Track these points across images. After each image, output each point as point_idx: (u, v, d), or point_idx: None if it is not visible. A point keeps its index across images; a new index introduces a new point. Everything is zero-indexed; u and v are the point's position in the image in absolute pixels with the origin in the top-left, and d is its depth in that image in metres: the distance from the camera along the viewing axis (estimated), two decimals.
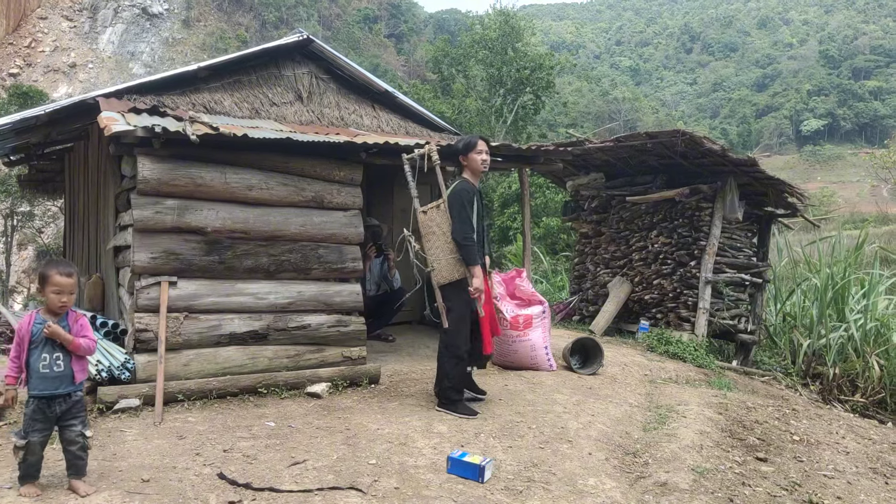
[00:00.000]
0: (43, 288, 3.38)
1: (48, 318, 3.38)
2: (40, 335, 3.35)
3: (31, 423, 3.31)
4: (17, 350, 3.35)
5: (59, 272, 3.37)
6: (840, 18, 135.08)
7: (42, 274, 3.39)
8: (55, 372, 3.36)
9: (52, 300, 3.37)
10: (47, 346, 3.36)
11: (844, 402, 8.54)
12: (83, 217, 7.93)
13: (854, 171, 73.83)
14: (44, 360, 3.34)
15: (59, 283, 3.36)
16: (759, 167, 8.71)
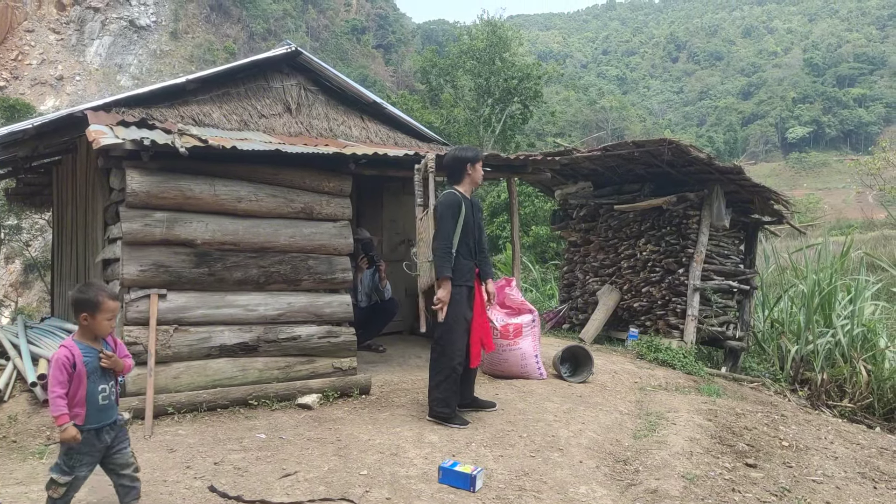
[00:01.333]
0: (93, 315, 3.16)
1: (89, 345, 3.20)
2: (95, 365, 3.18)
3: (80, 458, 3.13)
4: (66, 386, 3.08)
5: (109, 296, 3.20)
6: (824, 27, 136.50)
7: (91, 300, 3.16)
8: (111, 401, 3.24)
9: (105, 327, 3.20)
10: (103, 376, 3.21)
11: (832, 407, 8.59)
12: (71, 230, 7.90)
13: (839, 177, 74.43)
14: (102, 392, 3.19)
15: (112, 308, 3.19)
16: (745, 175, 8.78)
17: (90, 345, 3.19)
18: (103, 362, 3.19)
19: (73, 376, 3.09)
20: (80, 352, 3.13)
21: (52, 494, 3.12)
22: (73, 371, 3.09)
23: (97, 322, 3.17)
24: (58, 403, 3.04)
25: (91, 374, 3.14)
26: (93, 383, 3.15)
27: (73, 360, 3.10)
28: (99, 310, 3.16)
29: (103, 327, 3.19)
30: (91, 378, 3.14)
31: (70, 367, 3.09)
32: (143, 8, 62.03)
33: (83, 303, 3.17)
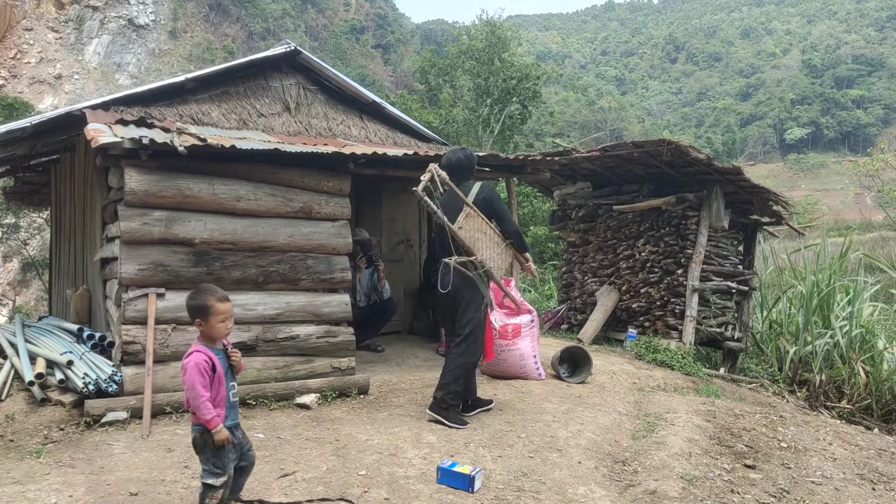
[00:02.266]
0: (206, 319, 3.18)
1: (213, 347, 3.23)
2: (227, 365, 3.25)
3: (228, 456, 3.18)
4: (208, 389, 3.12)
5: (219, 299, 3.21)
6: (822, 28, 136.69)
7: (201, 306, 3.19)
8: (237, 399, 3.34)
9: (219, 329, 3.20)
10: (231, 375, 3.28)
11: (831, 408, 8.59)
12: (69, 229, 7.88)
13: (837, 178, 74.56)
14: (233, 391, 3.27)
15: (222, 310, 3.20)
16: (744, 176, 8.78)
17: (213, 346, 3.23)
18: (233, 360, 3.27)
19: (213, 379, 3.13)
20: (213, 354, 3.17)
21: (211, 501, 3.15)
22: (213, 374, 3.13)
23: (211, 326, 3.19)
24: (207, 407, 3.07)
25: (225, 375, 3.21)
26: (226, 383, 3.22)
27: (211, 362, 3.14)
28: (210, 313, 3.18)
29: (217, 330, 3.20)
30: (225, 378, 3.21)
31: (210, 370, 3.12)
32: (141, 7, 61.99)
33: (194, 309, 3.21)
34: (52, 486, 3.67)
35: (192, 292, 3.29)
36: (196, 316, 3.20)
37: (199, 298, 3.21)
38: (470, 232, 5.11)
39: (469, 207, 5.12)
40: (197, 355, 3.13)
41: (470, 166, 5.39)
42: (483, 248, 5.16)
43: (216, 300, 3.19)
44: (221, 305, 3.19)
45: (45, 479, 3.80)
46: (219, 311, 3.18)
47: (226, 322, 3.22)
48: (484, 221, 5.17)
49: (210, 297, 3.19)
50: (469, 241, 5.09)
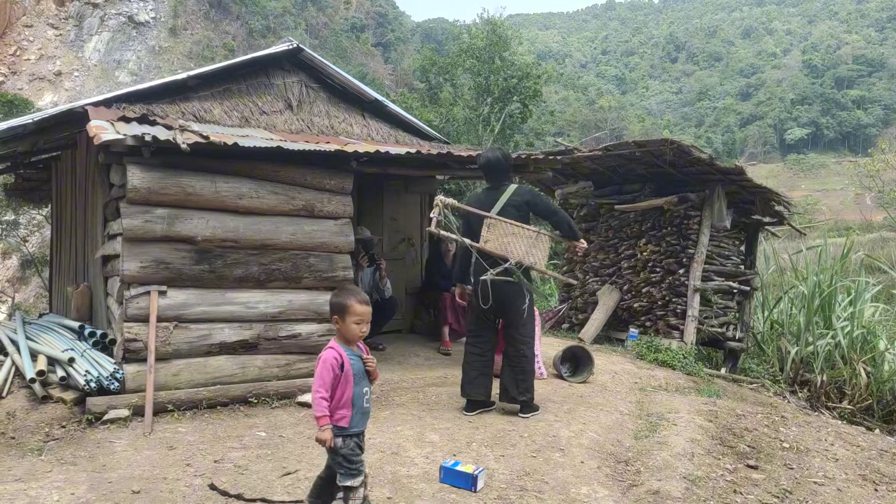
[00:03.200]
0: (342, 318, 3.18)
1: (350, 348, 3.21)
2: (360, 368, 3.21)
3: (358, 460, 3.18)
4: (332, 389, 3.11)
5: (358, 301, 3.19)
6: (823, 28, 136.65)
7: (340, 304, 3.19)
8: (370, 405, 3.28)
9: (353, 330, 3.18)
10: (364, 379, 3.23)
11: (832, 409, 8.59)
12: (70, 226, 7.86)
13: (838, 179, 74.57)
14: (366, 395, 3.23)
15: (360, 312, 3.17)
16: (746, 176, 8.78)
17: (350, 348, 3.21)
18: (369, 366, 3.23)
19: (339, 377, 3.12)
20: (345, 353, 3.15)
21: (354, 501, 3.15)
22: (340, 372, 3.12)
23: (346, 325, 3.17)
24: (321, 404, 3.07)
25: (355, 377, 3.17)
26: (357, 386, 3.17)
27: (340, 360, 3.13)
28: (347, 313, 3.16)
29: (352, 330, 3.18)
30: (355, 380, 3.16)
31: (338, 367, 3.11)
32: (142, 4, 61.87)
33: (334, 306, 3.22)
34: (53, 484, 3.66)
35: (337, 290, 3.35)
36: (335, 313, 3.20)
37: (341, 296, 3.22)
38: (497, 240, 5.19)
39: (489, 218, 5.22)
40: (329, 352, 3.14)
41: (506, 166, 5.51)
42: (516, 249, 5.20)
43: (356, 301, 3.18)
44: (360, 307, 3.17)
45: (47, 476, 3.79)
46: (356, 311, 3.16)
47: (361, 325, 3.19)
48: (510, 223, 5.23)
49: (351, 297, 3.20)
50: (499, 249, 5.19)
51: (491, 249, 5.17)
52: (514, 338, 5.39)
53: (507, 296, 5.25)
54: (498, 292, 5.20)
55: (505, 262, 5.18)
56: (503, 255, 5.18)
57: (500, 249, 5.17)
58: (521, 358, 5.38)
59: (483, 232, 5.23)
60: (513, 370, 5.37)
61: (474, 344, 5.46)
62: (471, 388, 5.36)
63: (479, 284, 5.24)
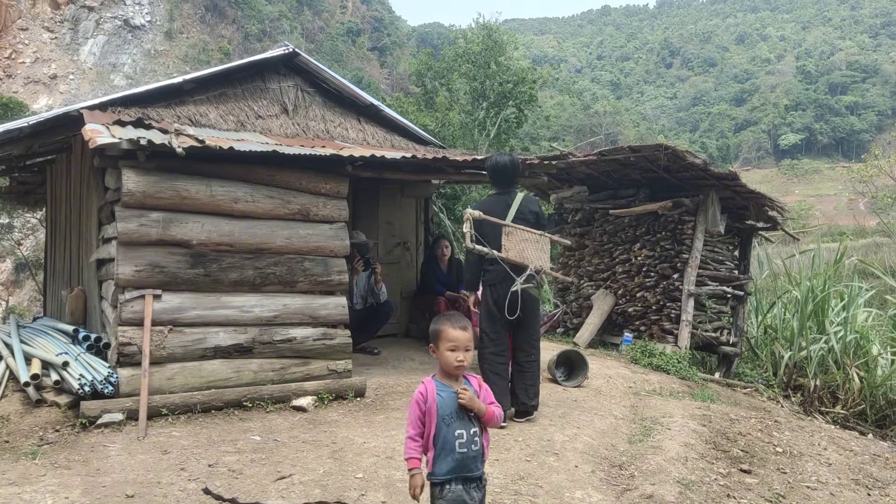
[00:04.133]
0: (437, 345, 2.89)
1: (445, 382, 2.88)
2: (450, 405, 2.83)
3: None
4: (419, 426, 2.83)
5: (453, 325, 2.87)
6: (817, 35, 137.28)
7: (434, 330, 2.92)
8: (473, 451, 2.83)
9: (447, 358, 2.84)
10: (462, 419, 2.83)
11: (825, 413, 8.61)
12: (65, 229, 7.85)
13: (831, 184, 74.76)
14: (460, 437, 2.80)
15: (453, 337, 2.84)
16: (740, 181, 8.81)
17: (447, 382, 2.89)
18: (460, 398, 2.83)
19: (425, 414, 2.84)
20: (434, 387, 2.86)
21: None
22: (425, 407, 2.84)
23: (440, 353, 2.88)
24: (407, 445, 2.86)
25: (445, 415, 2.81)
26: (447, 425, 2.80)
27: (425, 395, 2.84)
28: (440, 338, 2.88)
29: (445, 358, 2.86)
30: (445, 419, 2.81)
31: (423, 402, 2.84)
32: (137, 7, 61.83)
33: (430, 334, 2.95)
34: (47, 488, 3.66)
35: (436, 317, 3.05)
36: (431, 341, 2.94)
37: (437, 322, 2.95)
38: (516, 248, 5.21)
39: (507, 227, 5.22)
40: (419, 387, 2.89)
41: (515, 172, 5.51)
42: (531, 254, 5.26)
43: (450, 325, 2.88)
44: (453, 332, 2.86)
45: (41, 480, 3.79)
46: (449, 336, 2.85)
47: (457, 352, 2.84)
48: (523, 230, 5.26)
49: (446, 322, 2.92)
50: (517, 256, 5.20)
51: (513, 258, 5.17)
52: (529, 344, 5.43)
53: (530, 303, 5.27)
54: (524, 300, 5.19)
55: (525, 270, 5.18)
56: (523, 263, 5.18)
57: (518, 257, 5.19)
58: (533, 364, 5.42)
59: (503, 241, 5.20)
60: (525, 376, 5.37)
61: (499, 353, 5.34)
62: (505, 399, 5.20)
63: (505, 294, 5.15)
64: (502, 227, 5.20)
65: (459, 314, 3.03)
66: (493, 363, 5.27)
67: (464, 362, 2.84)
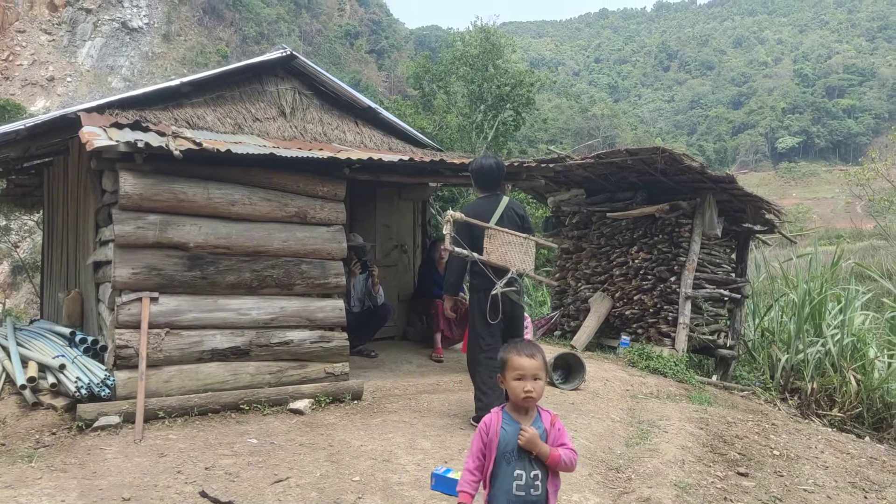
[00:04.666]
0: (504, 375, 2.68)
1: (514, 416, 2.64)
2: (513, 443, 2.59)
3: None
4: (479, 459, 2.63)
5: (519, 352, 2.65)
6: (814, 38, 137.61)
7: (500, 358, 2.73)
8: (532, 496, 2.58)
9: (513, 389, 2.63)
10: (523, 459, 2.59)
11: (822, 416, 8.62)
12: (62, 232, 7.85)
13: (829, 187, 74.87)
14: (518, 479, 2.57)
15: (519, 365, 2.63)
16: (737, 184, 8.82)
17: (515, 415, 2.65)
18: (519, 438, 2.57)
19: (486, 446, 2.64)
20: (499, 419, 2.65)
21: None
22: (486, 439, 2.64)
23: (507, 383, 2.66)
24: (463, 476, 2.68)
25: (506, 451, 2.59)
26: (507, 464, 2.58)
27: (489, 426, 2.64)
28: (506, 367, 2.67)
29: (512, 389, 2.64)
30: (506, 456, 2.59)
31: (485, 434, 2.64)
32: (135, 10, 61.84)
33: (498, 363, 2.76)
34: (44, 491, 3.65)
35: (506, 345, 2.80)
36: (500, 371, 2.73)
37: (504, 349, 2.75)
38: (498, 251, 5.18)
39: (490, 230, 5.19)
40: (486, 416, 2.70)
41: (499, 175, 5.47)
42: (513, 257, 5.23)
43: (516, 353, 2.66)
44: (520, 359, 2.64)
45: (37, 483, 3.78)
46: (514, 364, 2.64)
47: (524, 381, 2.62)
48: (507, 232, 5.24)
49: (511, 349, 2.70)
50: (499, 259, 5.17)
51: (495, 262, 5.16)
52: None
53: (515, 305, 5.28)
54: (506, 303, 5.19)
55: (507, 273, 5.17)
56: (504, 266, 5.17)
57: (500, 260, 5.17)
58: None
59: (485, 244, 5.17)
60: None
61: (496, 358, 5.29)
62: (500, 403, 5.22)
63: (488, 298, 5.14)
64: (485, 230, 5.18)
65: (529, 341, 2.81)
66: (490, 368, 5.22)
67: (532, 393, 2.60)
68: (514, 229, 5.30)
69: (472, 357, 5.33)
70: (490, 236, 5.18)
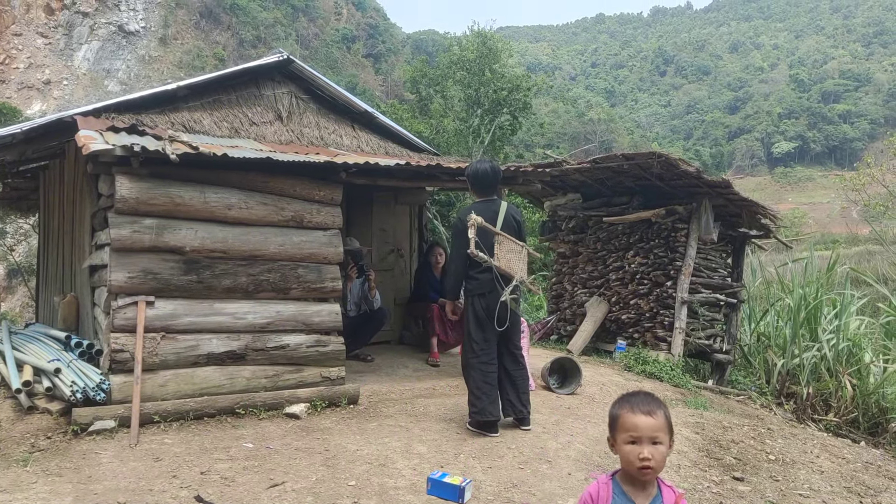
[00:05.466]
0: (614, 436, 2.20)
1: (626, 490, 2.15)
2: None
3: None
4: None
5: (633, 408, 2.15)
6: (810, 43, 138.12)
7: (610, 414, 2.23)
8: None
9: (626, 455, 2.13)
10: None
11: (818, 421, 8.63)
12: (58, 235, 7.83)
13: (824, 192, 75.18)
14: None
15: (633, 424, 2.13)
16: (733, 189, 8.85)
17: (628, 488, 2.15)
18: None
19: None
20: (609, 491, 2.17)
21: None
22: None
23: (618, 447, 2.17)
24: None
25: None
26: None
27: (595, 500, 2.18)
28: (616, 427, 2.18)
29: (624, 455, 2.14)
30: None
31: None
32: (132, 13, 61.81)
33: (609, 418, 2.26)
34: (39, 495, 3.64)
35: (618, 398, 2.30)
36: (609, 429, 2.24)
37: (615, 404, 2.25)
38: (505, 258, 5.20)
39: (499, 236, 5.21)
40: (589, 485, 2.24)
41: (495, 180, 5.48)
42: (516, 265, 5.26)
43: (629, 409, 2.16)
44: (634, 418, 2.13)
45: (32, 487, 3.77)
46: (627, 424, 2.14)
47: (639, 446, 2.11)
48: (510, 240, 5.27)
49: (624, 404, 2.20)
50: (506, 266, 5.19)
51: (504, 268, 5.16)
52: (513, 353, 5.42)
53: (514, 313, 5.29)
54: (510, 310, 5.21)
55: (512, 280, 5.19)
56: (510, 273, 5.18)
57: (506, 267, 5.19)
58: (522, 370, 5.43)
59: (496, 250, 5.16)
60: (516, 384, 5.35)
61: (490, 363, 5.26)
62: (494, 407, 5.19)
63: (495, 304, 5.14)
64: (495, 236, 5.20)
65: (644, 393, 2.28)
66: (484, 373, 5.22)
67: (649, 461, 2.08)
68: (512, 235, 5.31)
69: (466, 361, 5.34)
70: (499, 243, 5.19)
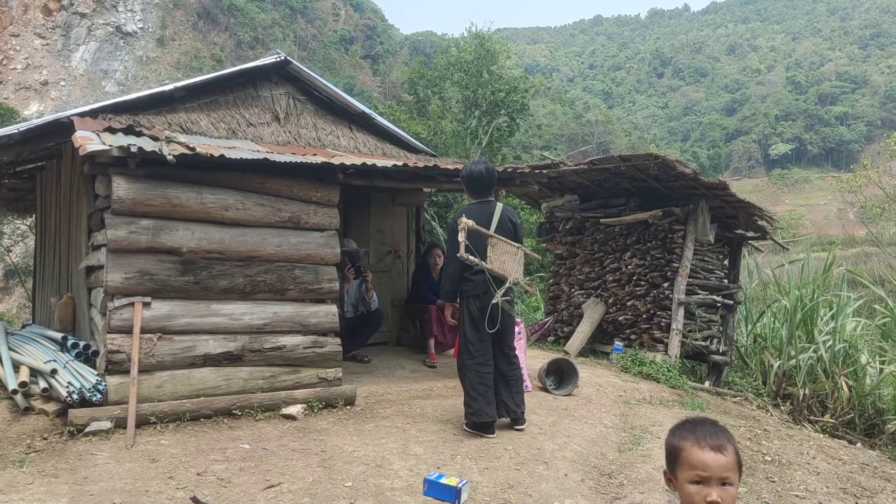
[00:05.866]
0: (673, 472, 1.95)
1: None
2: None
3: None
4: None
5: (700, 443, 1.89)
6: (807, 45, 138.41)
7: (670, 445, 1.97)
8: None
9: (688, 496, 1.87)
10: None
11: (814, 422, 8.64)
12: (54, 236, 7.82)
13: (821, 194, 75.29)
14: None
15: (700, 462, 1.87)
16: (729, 190, 8.86)
17: None
18: None
19: None
20: None
21: None
22: None
23: (679, 486, 1.92)
24: None
25: None
26: None
27: None
28: (678, 462, 1.93)
29: (687, 495, 1.88)
30: None
31: None
32: (129, 14, 61.79)
33: (666, 450, 2.02)
34: (34, 496, 3.64)
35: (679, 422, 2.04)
36: (666, 461, 1.98)
37: (676, 434, 1.99)
38: (499, 259, 5.23)
39: (493, 238, 5.22)
40: None
41: (490, 181, 5.47)
42: (510, 267, 5.27)
43: (695, 442, 1.90)
44: (701, 454, 1.87)
45: (28, 488, 3.76)
46: (693, 461, 1.87)
47: (707, 487, 1.85)
48: (505, 241, 5.28)
49: (687, 435, 1.94)
50: (500, 268, 5.20)
51: (497, 270, 5.17)
52: (508, 354, 5.43)
53: (507, 314, 5.29)
54: (503, 311, 5.22)
55: (505, 282, 5.20)
56: (503, 275, 5.19)
57: (500, 269, 5.20)
58: (517, 371, 5.45)
59: (489, 252, 5.18)
60: (510, 385, 5.37)
61: (485, 364, 5.27)
62: (490, 409, 5.19)
63: (479, 304, 5.18)
64: (488, 239, 5.20)
65: (711, 422, 2.03)
66: (480, 374, 5.22)
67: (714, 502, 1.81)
68: (507, 237, 5.32)
69: (462, 363, 5.36)
70: (493, 245, 5.20)
